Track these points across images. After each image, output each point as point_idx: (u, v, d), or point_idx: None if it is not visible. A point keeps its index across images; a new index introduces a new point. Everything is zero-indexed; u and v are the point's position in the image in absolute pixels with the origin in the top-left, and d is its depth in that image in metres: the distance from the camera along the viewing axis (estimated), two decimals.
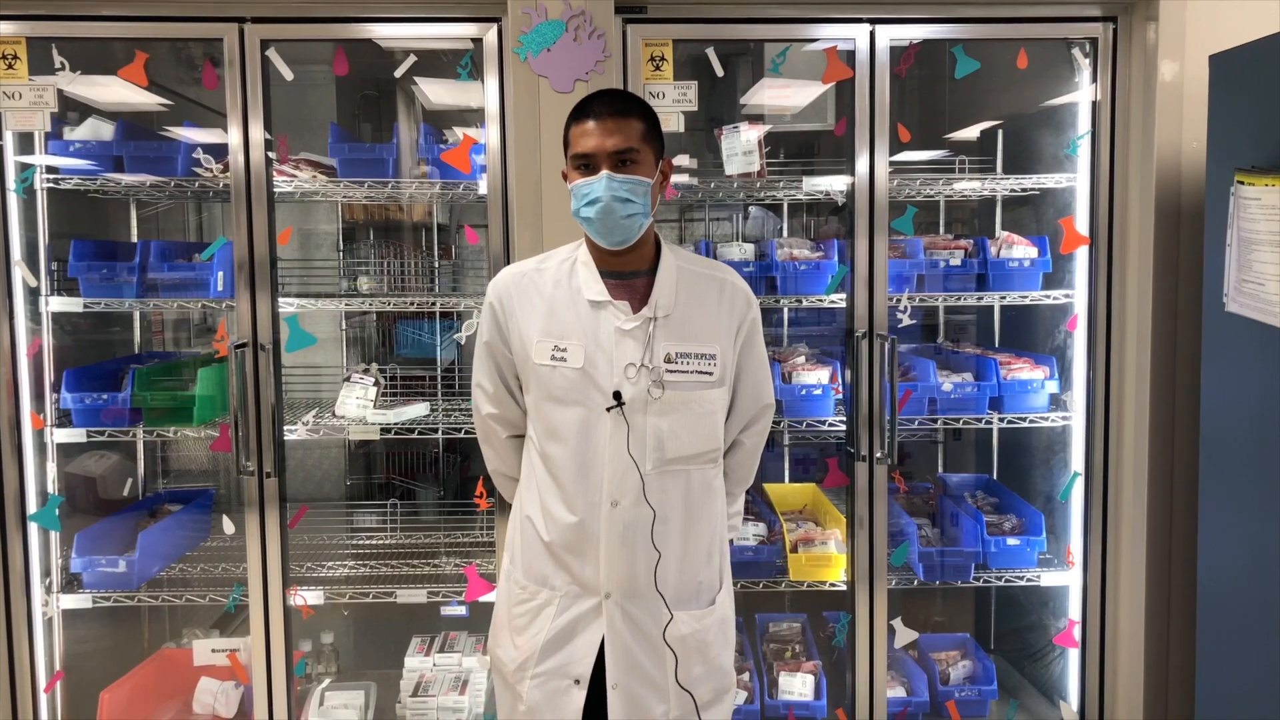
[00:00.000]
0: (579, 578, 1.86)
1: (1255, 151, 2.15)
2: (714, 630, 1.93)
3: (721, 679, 1.96)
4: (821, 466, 3.77)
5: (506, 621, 1.95)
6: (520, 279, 1.92)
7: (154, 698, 3.00)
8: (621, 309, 1.85)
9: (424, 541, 3.29)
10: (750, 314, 1.96)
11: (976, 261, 3.00)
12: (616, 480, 1.83)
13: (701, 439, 1.88)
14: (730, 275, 1.96)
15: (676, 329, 1.86)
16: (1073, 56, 2.85)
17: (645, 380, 1.82)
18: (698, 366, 1.86)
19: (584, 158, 1.80)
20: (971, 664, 3.10)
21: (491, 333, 1.95)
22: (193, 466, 3.80)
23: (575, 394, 1.83)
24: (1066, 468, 3.00)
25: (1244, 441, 2.23)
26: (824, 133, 3.48)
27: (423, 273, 3.71)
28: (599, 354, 1.83)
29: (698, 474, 1.89)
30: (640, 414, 1.82)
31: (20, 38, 2.64)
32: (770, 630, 3.28)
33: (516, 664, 1.90)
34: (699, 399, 1.86)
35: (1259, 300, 2.13)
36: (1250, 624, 2.21)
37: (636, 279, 1.89)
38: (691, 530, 1.89)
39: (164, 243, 2.97)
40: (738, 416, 2.00)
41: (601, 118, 1.79)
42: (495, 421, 2.02)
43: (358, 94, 4.03)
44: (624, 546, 1.83)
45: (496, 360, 1.96)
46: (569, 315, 1.86)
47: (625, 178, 1.78)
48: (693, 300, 1.89)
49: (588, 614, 1.86)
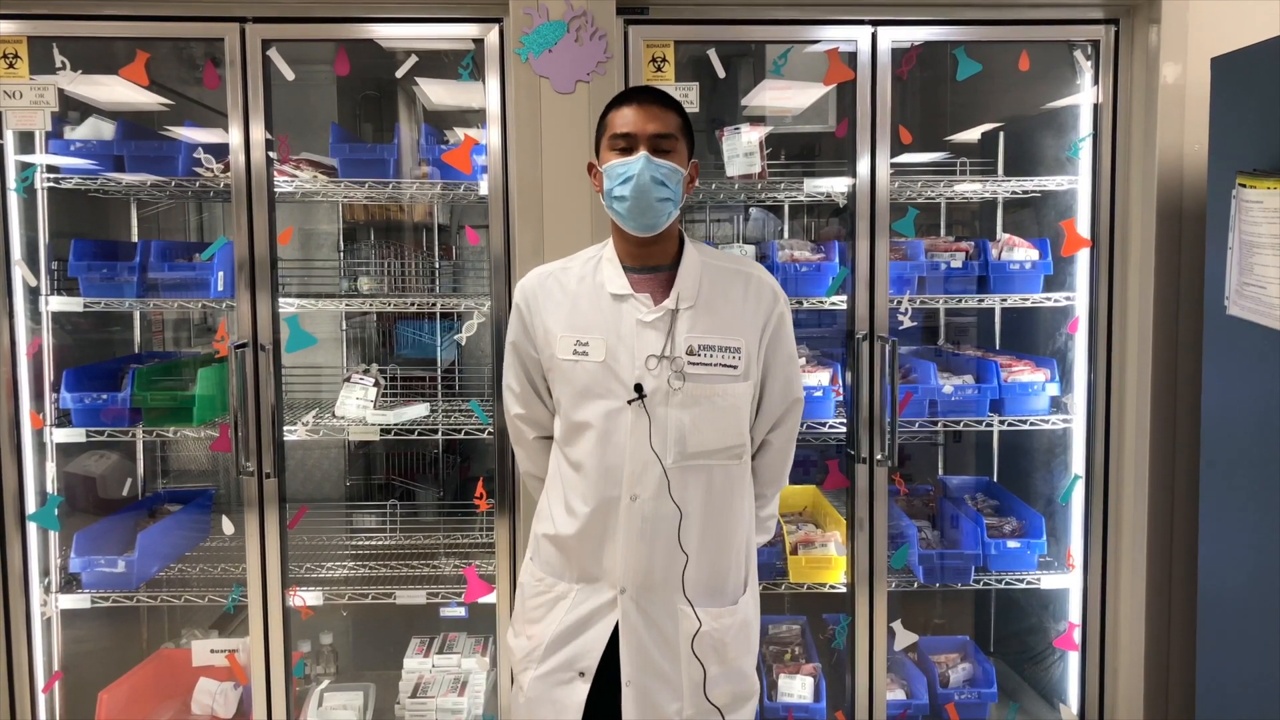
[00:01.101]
0: (595, 572, 1.86)
1: (1257, 154, 2.15)
2: (733, 631, 1.90)
3: (740, 683, 1.92)
4: (822, 468, 3.75)
5: (523, 613, 1.97)
6: (545, 279, 1.94)
7: (153, 698, 3.00)
8: (644, 301, 1.85)
9: (423, 542, 3.29)
10: (777, 308, 1.94)
11: (977, 264, 2.99)
12: (637, 474, 1.82)
13: (724, 433, 1.86)
14: (757, 269, 1.96)
15: (700, 320, 1.85)
16: (1074, 59, 2.85)
17: (666, 372, 1.82)
18: (721, 359, 1.85)
19: (624, 137, 1.82)
20: (971, 667, 3.09)
21: (518, 333, 1.96)
22: (192, 467, 3.80)
23: (598, 388, 1.84)
24: (1067, 470, 3.00)
25: (1245, 445, 2.22)
26: (825, 134, 3.48)
27: (423, 273, 3.71)
28: (620, 346, 1.83)
29: (720, 471, 1.88)
30: (662, 406, 1.82)
31: (21, 37, 2.64)
32: (770, 632, 3.28)
33: (524, 653, 1.91)
34: (722, 392, 1.85)
35: (1260, 303, 2.13)
36: (1251, 627, 2.20)
37: (660, 273, 1.90)
38: (711, 528, 1.88)
39: (164, 242, 2.97)
40: (766, 414, 1.98)
41: (645, 104, 1.83)
42: (523, 422, 2.03)
43: (359, 94, 4.03)
44: (642, 541, 1.83)
45: (523, 360, 1.97)
46: (591, 309, 1.87)
47: (662, 161, 1.80)
48: (716, 293, 1.89)
49: (602, 608, 1.86)
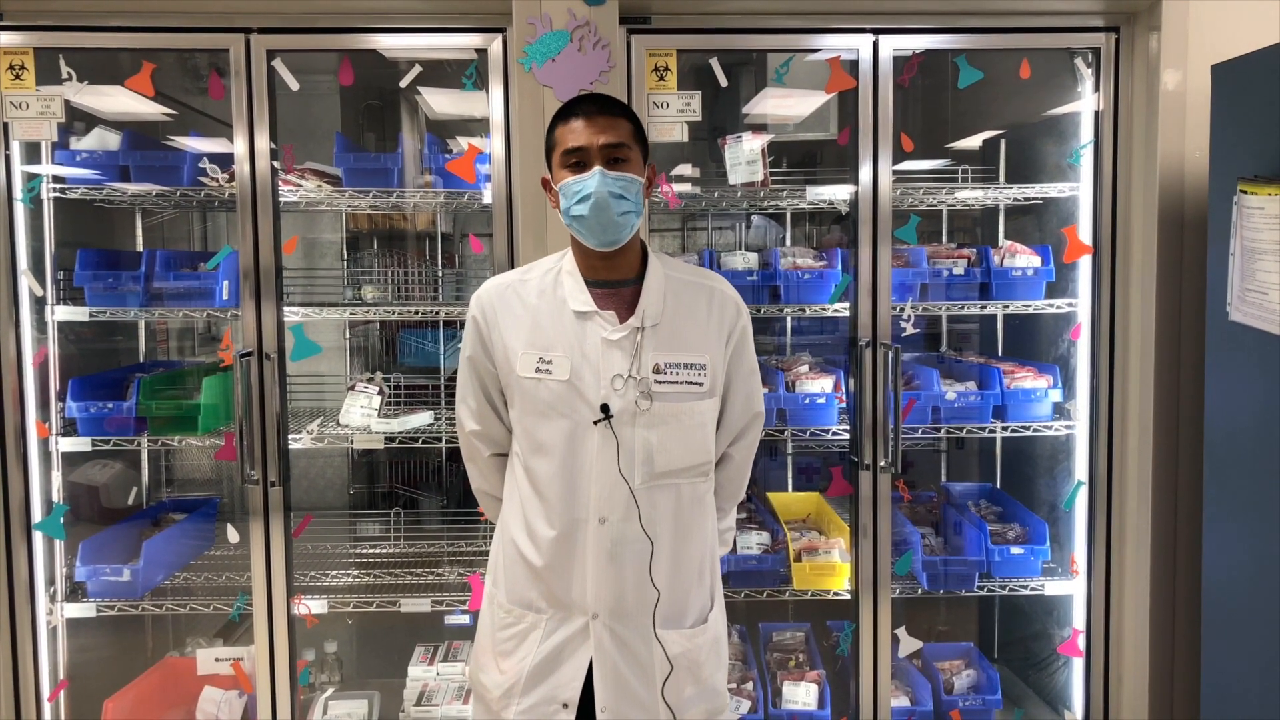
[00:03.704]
0: (565, 598, 1.80)
1: (1258, 161, 2.15)
2: (706, 649, 1.88)
3: (714, 699, 1.90)
4: (825, 475, 3.77)
5: (490, 646, 1.89)
6: (504, 291, 1.87)
7: (157, 707, 3.00)
8: (608, 319, 1.80)
9: (427, 550, 3.29)
10: (740, 322, 1.91)
11: (980, 270, 3.00)
12: (604, 496, 1.78)
13: (692, 451, 1.83)
14: (719, 283, 1.92)
15: (665, 338, 1.81)
16: (1075, 66, 2.86)
17: (633, 392, 1.77)
18: (687, 377, 1.81)
19: (576, 152, 1.76)
20: (976, 673, 3.09)
21: (474, 347, 1.89)
22: (197, 475, 3.80)
23: (561, 407, 1.78)
24: (1070, 477, 3.00)
25: (1248, 450, 2.23)
26: (827, 142, 3.49)
27: (427, 282, 3.72)
28: (585, 366, 1.78)
29: (688, 488, 1.84)
30: (629, 427, 1.78)
31: (28, 48, 2.66)
32: (774, 639, 3.28)
33: (502, 690, 1.83)
34: (689, 410, 1.81)
35: (1263, 309, 2.13)
36: (1255, 633, 2.20)
37: (623, 288, 1.84)
38: (682, 547, 1.84)
39: (169, 252, 2.98)
40: (728, 427, 1.94)
41: (591, 116, 1.76)
42: (478, 439, 1.96)
43: (362, 104, 4.04)
44: (612, 565, 1.78)
45: (480, 375, 1.91)
46: (554, 327, 1.81)
47: (618, 174, 1.75)
48: (681, 309, 1.84)
49: (575, 636, 1.80)
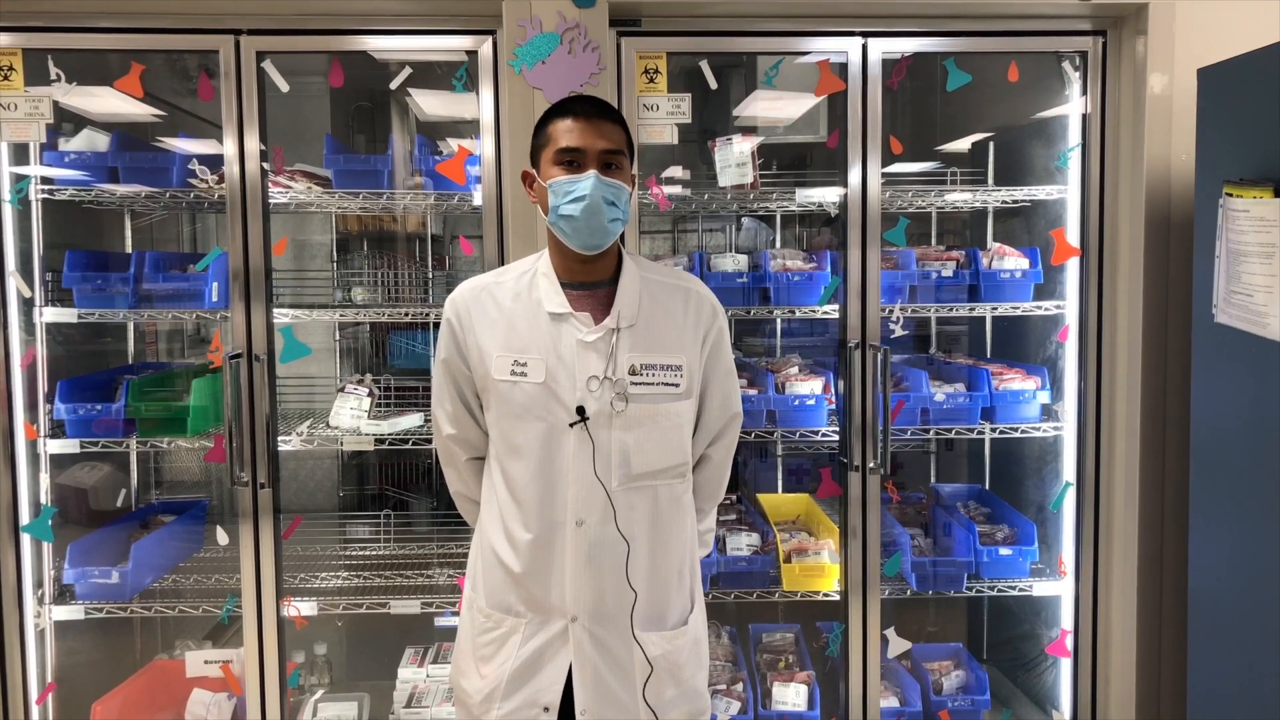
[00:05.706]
0: (544, 602, 1.80)
1: (1243, 164, 2.17)
2: (686, 651, 1.88)
3: (695, 700, 1.90)
4: (815, 477, 3.78)
5: (471, 651, 1.88)
6: (478, 293, 1.86)
7: (146, 709, 2.98)
8: (583, 320, 1.79)
9: (417, 552, 3.29)
10: (717, 323, 1.90)
11: (968, 273, 3.01)
12: (581, 498, 1.77)
13: (669, 453, 1.82)
14: (695, 284, 1.92)
15: (641, 339, 1.80)
16: (1063, 70, 2.87)
17: (608, 393, 1.77)
18: (664, 378, 1.80)
19: (572, 152, 1.75)
20: (964, 674, 3.10)
21: (449, 350, 1.89)
22: (186, 477, 3.79)
23: (537, 410, 1.78)
24: (1058, 478, 3.01)
25: (1234, 451, 2.24)
26: (817, 144, 3.51)
27: (417, 283, 3.71)
28: (560, 368, 1.78)
29: (665, 490, 1.84)
30: (605, 429, 1.77)
31: (16, 49, 2.65)
32: (763, 640, 3.28)
33: (483, 694, 1.83)
34: (665, 412, 1.81)
35: (1248, 311, 2.15)
36: (1242, 633, 2.22)
37: (599, 289, 1.84)
38: (660, 549, 1.84)
39: (158, 253, 2.97)
40: (705, 428, 1.94)
41: (590, 117, 1.76)
42: (455, 443, 1.95)
43: (353, 105, 4.04)
44: (590, 567, 1.78)
45: (455, 378, 1.90)
46: (529, 329, 1.80)
47: (612, 181, 1.75)
48: (657, 310, 1.84)
49: (555, 640, 1.80)
